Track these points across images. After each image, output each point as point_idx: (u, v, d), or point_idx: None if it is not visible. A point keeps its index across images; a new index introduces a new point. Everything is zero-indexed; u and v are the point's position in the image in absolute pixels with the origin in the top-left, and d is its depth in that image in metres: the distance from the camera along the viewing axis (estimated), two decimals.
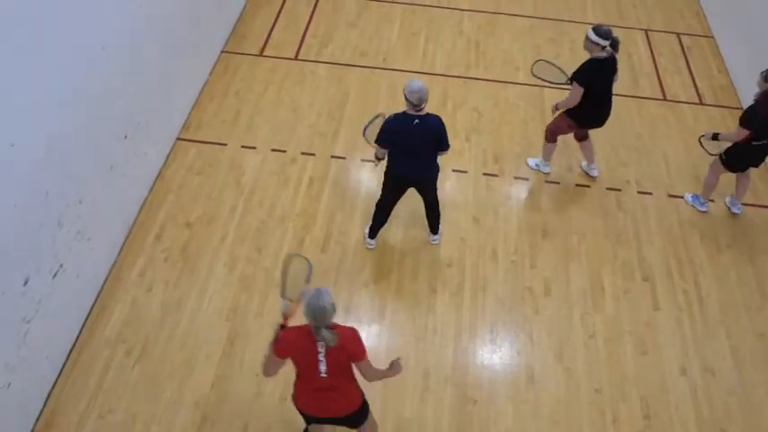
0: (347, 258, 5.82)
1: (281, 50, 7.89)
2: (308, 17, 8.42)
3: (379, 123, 5.35)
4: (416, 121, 5.01)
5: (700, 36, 8.63)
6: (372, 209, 5.76)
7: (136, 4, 5.52)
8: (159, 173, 6.35)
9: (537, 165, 6.66)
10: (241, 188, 6.29)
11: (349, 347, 3.77)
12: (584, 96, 5.78)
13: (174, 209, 6.07)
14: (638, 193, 6.57)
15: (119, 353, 5.07)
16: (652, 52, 8.29)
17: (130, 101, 5.60)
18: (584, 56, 6.01)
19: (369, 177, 6.49)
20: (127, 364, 5.01)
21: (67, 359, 5.00)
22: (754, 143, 5.73)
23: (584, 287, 5.74)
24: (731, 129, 7.22)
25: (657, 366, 5.23)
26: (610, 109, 6.04)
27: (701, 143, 6.18)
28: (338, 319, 5.16)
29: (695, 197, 6.45)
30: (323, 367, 3.72)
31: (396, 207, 5.73)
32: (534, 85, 7.48)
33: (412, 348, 5.24)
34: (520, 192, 6.52)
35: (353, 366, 3.87)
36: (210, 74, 7.45)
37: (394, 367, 4.01)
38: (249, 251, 5.79)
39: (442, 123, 5.16)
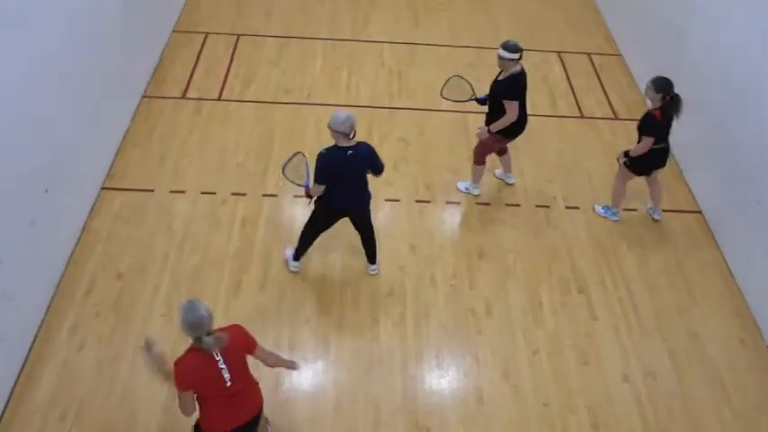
0: (286, 296, 5.74)
1: (204, 92, 7.81)
2: (228, 58, 8.39)
3: (297, 162, 5.31)
4: (350, 152, 5.02)
5: (609, 55, 9.05)
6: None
7: (50, 48, 5.36)
8: (84, 225, 6.13)
9: (467, 188, 6.79)
10: (172, 234, 6.14)
11: (240, 342, 3.84)
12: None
13: (103, 261, 5.86)
14: (566, 208, 6.77)
15: (52, 418, 4.80)
16: (566, 73, 8.63)
17: (49, 153, 5.42)
18: None
19: (302, 213, 6.43)
20: (62, 430, 4.74)
21: None
22: (655, 147, 6.00)
23: (524, 305, 5.84)
24: None
25: (600, 376, 5.35)
26: (526, 120, 6.29)
27: (619, 163, 6.38)
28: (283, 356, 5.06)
29: (606, 208, 6.68)
30: (227, 375, 3.72)
31: (333, 239, 5.72)
32: (457, 112, 7.66)
33: (360, 382, 5.18)
34: (453, 216, 6.61)
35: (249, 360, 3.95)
36: (132, 119, 7.29)
37: (291, 363, 4.33)
38: (186, 298, 5.60)
39: (372, 148, 5.22)
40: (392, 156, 7.16)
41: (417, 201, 6.70)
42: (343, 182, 5.16)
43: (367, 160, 5.17)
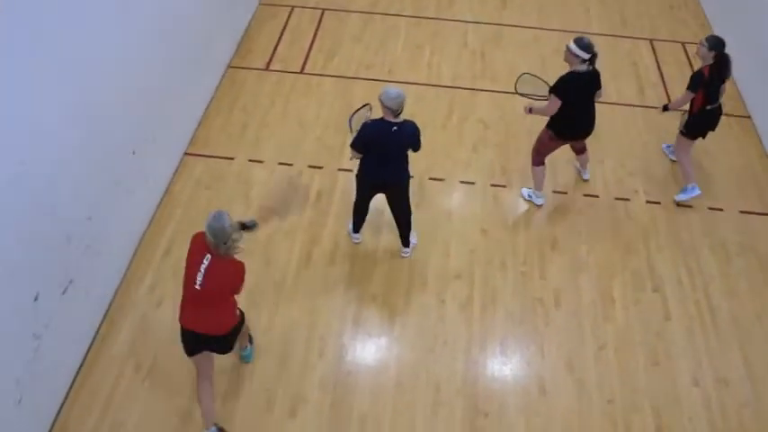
0: (355, 271, 5.81)
1: (287, 65, 7.92)
2: (312, 32, 8.47)
3: (363, 114, 5.40)
4: (395, 128, 5.02)
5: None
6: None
7: (140, 21, 5.55)
8: (167, 188, 6.36)
9: (529, 195, 6.47)
10: (249, 202, 6.29)
11: (229, 271, 4.16)
12: (563, 108, 5.72)
13: (183, 224, 6.08)
14: (647, 202, 6.55)
15: (128, 368, 5.07)
16: (657, 62, 8.28)
17: (138, 116, 5.63)
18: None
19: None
20: (136, 379, 5.00)
21: (77, 374, 5.00)
22: (707, 107, 6.05)
23: (594, 298, 5.71)
24: (739, 139, 7.25)
25: (669, 377, 5.19)
26: (590, 123, 5.95)
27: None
28: (347, 332, 5.19)
29: (686, 190, 6.38)
30: (200, 278, 4.08)
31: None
32: (540, 97, 7.48)
33: (422, 361, 5.21)
34: (528, 203, 6.50)
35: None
36: (217, 88, 7.49)
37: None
38: (258, 265, 5.78)
39: (418, 129, 5.23)
40: (471, 137, 7.09)
41: (493, 185, 6.62)
42: (381, 156, 5.19)
43: (410, 139, 5.18)
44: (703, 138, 6.35)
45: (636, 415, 4.96)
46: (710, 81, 5.93)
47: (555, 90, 5.69)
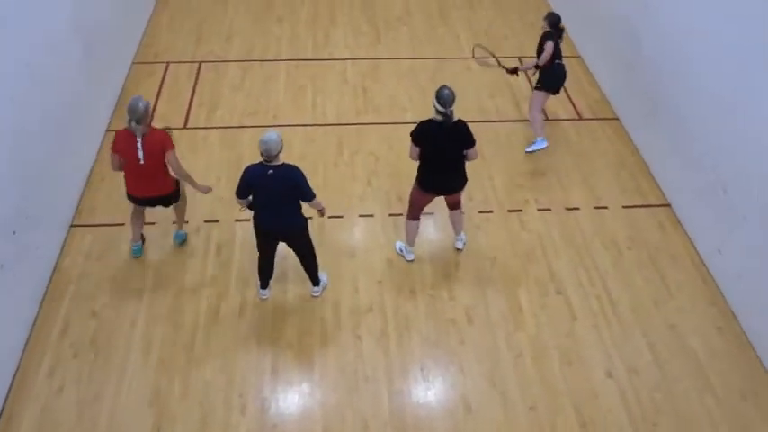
0: (267, 319, 5.71)
1: (169, 122, 7.74)
2: (191, 86, 8.36)
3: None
4: (270, 171, 5.03)
5: (569, 57, 9.16)
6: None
7: (7, 89, 5.29)
8: (56, 264, 6.03)
9: (401, 249, 6.25)
10: (145, 267, 6.07)
11: (157, 139, 5.41)
12: (422, 157, 5.52)
13: (77, 299, 5.77)
14: (538, 210, 6.84)
15: None
16: (528, 77, 8.73)
17: (16, 194, 5.34)
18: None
19: None
20: None
21: None
22: (556, 61, 7.05)
23: (503, 310, 5.87)
24: (611, 139, 7.74)
25: (585, 375, 5.39)
26: (452, 179, 5.74)
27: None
28: (267, 384, 5.07)
29: (535, 142, 7.24)
30: (141, 155, 5.36)
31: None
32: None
33: (346, 401, 5.15)
34: (427, 226, 6.62)
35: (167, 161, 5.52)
36: (98, 153, 7.21)
37: (205, 188, 5.94)
38: (164, 330, 5.56)
39: (299, 172, 5.14)
40: (364, 171, 7.18)
41: (391, 214, 6.71)
42: (266, 201, 5.17)
43: (290, 182, 5.09)
44: (557, 92, 7.32)
45: (559, 417, 5.10)
46: (555, 41, 7.00)
47: (411, 134, 5.52)
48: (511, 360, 5.47)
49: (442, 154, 5.54)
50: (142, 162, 5.38)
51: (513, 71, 7.39)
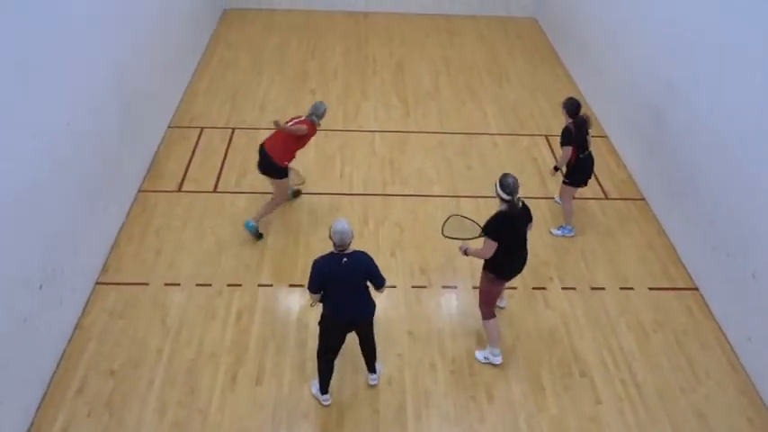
0: (283, 389, 5.62)
1: (200, 185, 7.92)
2: (223, 151, 8.56)
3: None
4: (345, 259, 4.89)
5: (595, 137, 9.26)
6: (313, 355, 5.59)
7: (47, 149, 5.47)
8: (78, 321, 6.06)
9: (486, 358, 5.95)
10: (167, 328, 6.07)
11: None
12: (500, 248, 5.41)
13: (96, 357, 5.76)
14: (562, 289, 6.76)
15: None
16: (554, 155, 8.81)
17: (44, 249, 5.44)
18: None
19: (298, 302, 6.42)
20: None
21: None
22: (580, 156, 7.00)
23: (525, 389, 5.73)
24: (638, 220, 7.70)
25: None
26: (526, 257, 5.74)
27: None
28: None
29: (562, 228, 7.47)
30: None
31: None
32: (450, 197, 7.79)
33: None
34: (450, 300, 6.58)
35: None
36: (127, 214, 7.35)
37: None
38: (180, 394, 5.51)
39: (370, 257, 5.05)
40: (388, 242, 7.20)
41: (414, 286, 6.68)
42: (341, 291, 4.98)
43: (363, 268, 4.99)
44: (585, 185, 7.29)
45: None
46: (576, 134, 6.90)
47: (488, 232, 5.39)
48: None
49: (516, 240, 5.52)
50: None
51: (556, 169, 7.16)
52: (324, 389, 5.44)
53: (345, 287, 4.98)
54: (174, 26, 9.41)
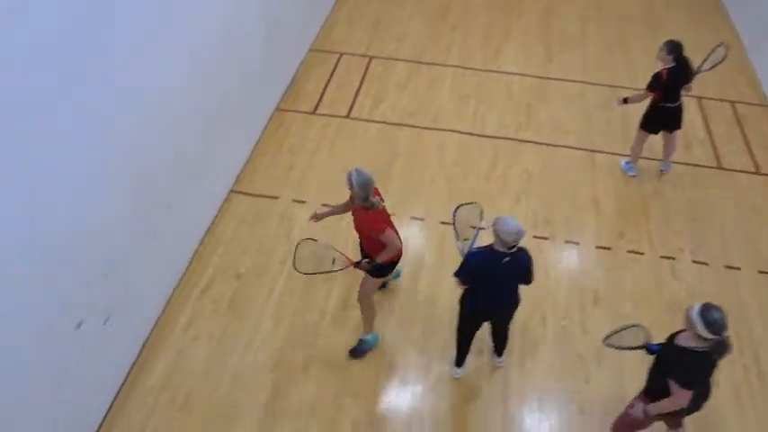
0: (393, 315, 5.76)
1: (334, 109, 8.06)
2: (359, 79, 8.62)
3: (470, 214, 5.02)
4: (507, 258, 4.45)
5: (755, 105, 8.52)
6: None
7: (193, 62, 5.72)
8: (209, 227, 6.44)
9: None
10: (291, 241, 6.32)
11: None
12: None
13: (224, 260, 6.13)
14: (693, 262, 6.39)
15: (162, 400, 5.07)
16: (705, 120, 8.20)
17: (185, 155, 5.77)
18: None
19: (415, 234, 6.49)
20: (170, 411, 5.01)
21: (113, 402, 5.04)
22: (662, 105, 6.60)
23: (637, 357, 5.53)
24: None
25: None
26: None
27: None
28: (388, 384, 5.05)
29: (627, 163, 7.25)
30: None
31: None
32: (585, 150, 7.49)
33: (458, 411, 5.10)
34: (570, 255, 6.41)
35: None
36: (264, 129, 7.63)
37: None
38: (296, 305, 5.79)
39: (530, 256, 4.68)
40: (514, 188, 7.06)
41: (535, 236, 6.54)
42: (491, 288, 4.70)
43: (522, 269, 4.65)
44: (655, 133, 6.97)
45: None
46: (668, 82, 6.45)
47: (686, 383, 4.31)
48: None
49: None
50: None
51: (624, 101, 6.92)
52: (459, 363, 5.34)
53: (497, 285, 4.69)
54: None
